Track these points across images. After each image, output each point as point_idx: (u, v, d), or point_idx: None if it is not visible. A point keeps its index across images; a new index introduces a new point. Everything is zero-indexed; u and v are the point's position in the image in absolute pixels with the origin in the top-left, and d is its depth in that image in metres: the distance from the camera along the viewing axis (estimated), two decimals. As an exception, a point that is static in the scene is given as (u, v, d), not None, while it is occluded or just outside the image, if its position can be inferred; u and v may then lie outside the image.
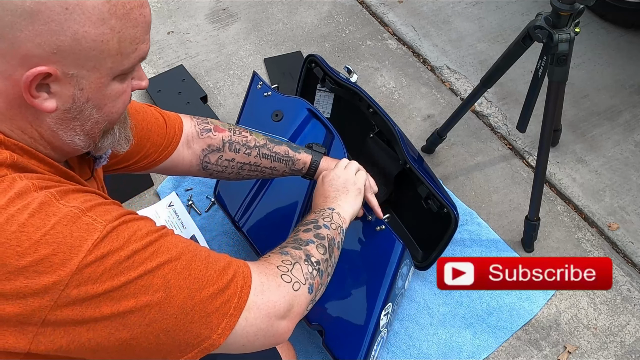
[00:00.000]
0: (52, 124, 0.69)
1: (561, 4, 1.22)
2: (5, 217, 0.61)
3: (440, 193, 1.39)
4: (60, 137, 0.71)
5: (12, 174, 0.64)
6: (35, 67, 0.63)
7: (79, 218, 0.63)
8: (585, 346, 1.46)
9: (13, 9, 0.60)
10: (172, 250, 0.69)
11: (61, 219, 0.62)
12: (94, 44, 0.64)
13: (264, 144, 1.17)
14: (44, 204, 0.62)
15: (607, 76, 2.03)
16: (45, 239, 0.61)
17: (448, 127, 1.71)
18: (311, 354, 1.41)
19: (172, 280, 0.67)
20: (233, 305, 0.72)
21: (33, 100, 0.65)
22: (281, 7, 2.24)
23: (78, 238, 0.62)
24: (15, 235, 0.60)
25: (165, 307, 0.66)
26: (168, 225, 1.62)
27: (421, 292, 1.52)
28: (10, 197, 0.62)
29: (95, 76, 0.67)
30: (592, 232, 1.66)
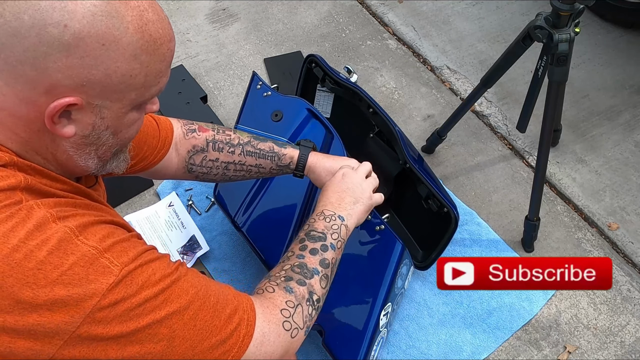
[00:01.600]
0: (68, 148, 0.70)
1: (561, 4, 1.22)
2: (24, 252, 0.61)
3: (440, 193, 1.39)
4: (75, 160, 0.72)
5: (28, 199, 0.65)
6: (62, 97, 0.64)
7: (96, 260, 0.64)
8: (585, 346, 1.46)
9: (50, 41, 0.61)
10: (183, 298, 0.71)
11: (79, 259, 0.63)
12: (122, 78, 0.66)
13: (247, 141, 1.15)
14: (63, 241, 0.63)
15: (607, 76, 2.03)
16: (61, 279, 0.62)
17: (448, 127, 1.71)
18: (311, 354, 1.41)
19: (177, 330, 0.69)
20: (232, 354, 0.74)
21: (54, 126, 0.66)
22: (281, 7, 2.24)
23: (94, 281, 0.63)
24: (32, 272, 0.61)
25: (167, 355, 0.69)
26: (168, 225, 1.62)
27: (421, 292, 1.52)
28: (30, 230, 0.62)
29: (118, 106, 0.69)
30: (592, 232, 1.66)
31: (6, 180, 0.65)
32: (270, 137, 1.20)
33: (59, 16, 0.60)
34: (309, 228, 0.98)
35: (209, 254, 1.58)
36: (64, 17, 0.60)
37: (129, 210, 1.66)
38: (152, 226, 1.62)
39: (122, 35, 0.64)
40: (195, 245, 1.57)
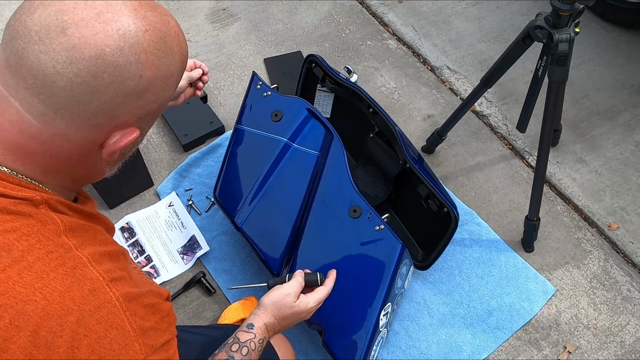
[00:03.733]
0: (105, 166, 0.75)
1: (561, 4, 1.22)
2: (77, 317, 0.63)
3: (440, 193, 1.39)
4: (105, 173, 0.77)
5: (75, 243, 0.67)
6: (121, 130, 0.68)
7: (132, 342, 0.66)
8: (585, 346, 1.46)
9: (127, 92, 0.65)
10: None
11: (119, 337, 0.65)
12: (165, 103, 0.72)
13: None
14: (111, 314, 0.65)
15: (607, 76, 2.03)
16: (99, 352, 0.64)
17: (448, 127, 1.71)
18: (310, 354, 1.41)
19: None
20: None
21: (109, 156, 0.71)
22: (281, 7, 2.24)
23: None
24: (79, 338, 0.63)
25: None
26: (168, 225, 1.62)
27: (421, 292, 1.52)
28: (85, 294, 0.64)
29: (151, 124, 0.74)
30: (592, 232, 1.66)
31: (48, 225, 0.66)
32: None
33: (136, 69, 0.64)
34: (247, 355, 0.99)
35: (209, 254, 1.58)
36: (139, 69, 0.64)
37: (129, 210, 1.66)
38: (152, 226, 1.62)
39: (173, 67, 0.69)
40: (195, 245, 1.57)
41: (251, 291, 1.52)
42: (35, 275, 0.63)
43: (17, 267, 0.62)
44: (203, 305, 1.51)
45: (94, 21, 0.61)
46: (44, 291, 0.62)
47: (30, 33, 0.61)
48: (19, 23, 0.62)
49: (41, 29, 0.61)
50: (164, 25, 0.67)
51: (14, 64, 0.62)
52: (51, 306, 0.62)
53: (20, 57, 0.62)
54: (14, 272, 0.62)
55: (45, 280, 0.63)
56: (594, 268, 1.59)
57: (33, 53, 0.61)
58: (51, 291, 0.62)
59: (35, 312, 0.61)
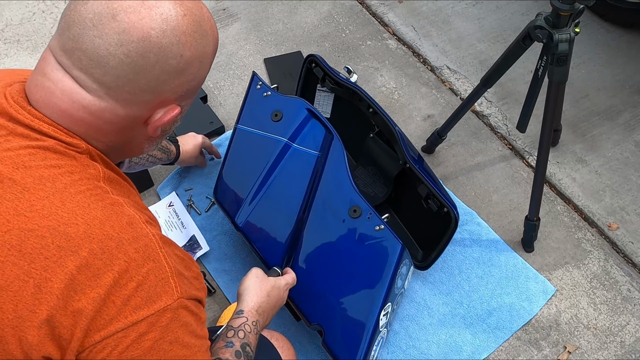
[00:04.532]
0: (144, 141, 0.82)
1: (561, 4, 1.22)
2: (117, 242, 0.69)
3: (440, 193, 1.39)
4: (144, 149, 0.84)
5: (112, 191, 0.73)
6: (164, 107, 0.76)
7: (167, 277, 0.71)
8: (585, 346, 1.46)
9: (170, 70, 0.72)
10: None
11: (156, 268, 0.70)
12: (203, 80, 0.79)
13: None
14: (148, 247, 0.71)
15: (607, 76, 2.03)
16: (138, 279, 0.69)
17: (448, 127, 1.71)
18: (311, 354, 1.41)
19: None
20: None
21: (154, 132, 0.78)
22: (281, 7, 2.24)
23: (157, 294, 0.70)
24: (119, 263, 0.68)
25: None
26: (168, 225, 1.62)
27: (421, 292, 1.52)
28: (124, 225, 0.70)
29: (190, 101, 0.80)
30: (592, 232, 1.66)
31: (89, 169, 0.73)
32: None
33: (177, 49, 0.71)
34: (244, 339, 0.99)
35: (209, 254, 1.58)
36: (180, 49, 0.71)
37: (129, 210, 1.66)
38: (152, 226, 1.62)
39: (209, 49, 0.77)
40: (195, 245, 1.57)
41: (251, 291, 1.52)
42: (77, 203, 0.69)
43: (61, 195, 0.69)
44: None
45: (139, 7, 0.69)
46: (85, 217, 0.68)
47: (85, 20, 0.69)
48: (75, 12, 0.70)
49: (95, 16, 0.68)
50: (198, 10, 0.74)
51: (70, 48, 0.70)
52: (92, 230, 0.68)
53: (77, 42, 0.69)
54: (57, 199, 0.68)
55: (87, 209, 0.69)
56: (594, 268, 1.59)
57: (88, 37, 0.68)
58: (92, 218, 0.69)
59: (77, 234, 0.67)
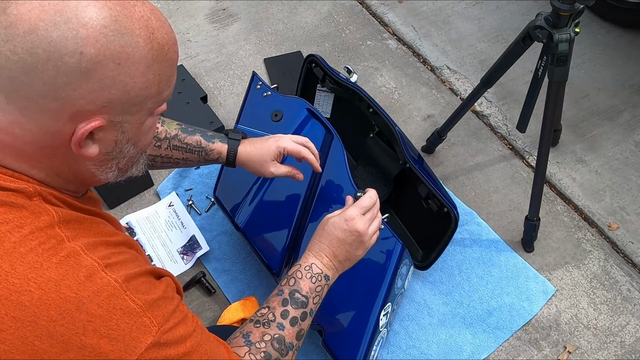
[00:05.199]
0: (90, 167, 0.72)
1: (561, 4, 1.22)
2: (76, 304, 0.63)
3: (440, 193, 1.39)
4: (96, 176, 0.74)
5: (69, 236, 0.67)
6: (86, 121, 0.65)
7: (139, 318, 0.67)
8: (585, 346, 1.46)
9: (68, 70, 0.61)
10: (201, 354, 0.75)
11: (125, 314, 0.66)
12: (140, 92, 0.67)
13: (175, 134, 1.15)
14: (112, 297, 0.66)
15: (607, 76, 2.03)
16: (109, 334, 0.64)
17: (448, 127, 1.71)
18: (311, 354, 1.41)
19: None
20: None
21: (80, 149, 0.67)
22: (281, 7, 2.24)
23: (135, 339, 0.66)
24: (83, 324, 0.63)
25: None
26: (168, 225, 1.62)
27: (421, 292, 1.52)
28: (81, 281, 0.64)
29: (137, 117, 0.70)
30: (592, 232, 1.66)
31: (42, 216, 0.66)
32: (192, 127, 1.17)
33: (73, 45, 0.61)
34: (294, 285, 0.96)
35: (209, 254, 1.58)
36: (78, 44, 0.61)
37: (129, 210, 1.66)
38: (152, 226, 1.62)
39: (134, 51, 0.64)
40: (195, 245, 1.57)
41: (251, 291, 1.52)
42: (28, 266, 0.63)
43: (9, 258, 0.63)
44: (203, 305, 1.51)
45: None
46: (38, 281, 0.63)
47: None
48: None
49: None
50: (119, 6, 0.64)
51: None
52: (47, 295, 0.62)
53: None
54: (6, 264, 0.62)
55: (39, 271, 0.63)
56: (594, 268, 1.59)
57: None
58: (46, 281, 0.63)
59: (32, 302, 0.62)
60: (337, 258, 1.01)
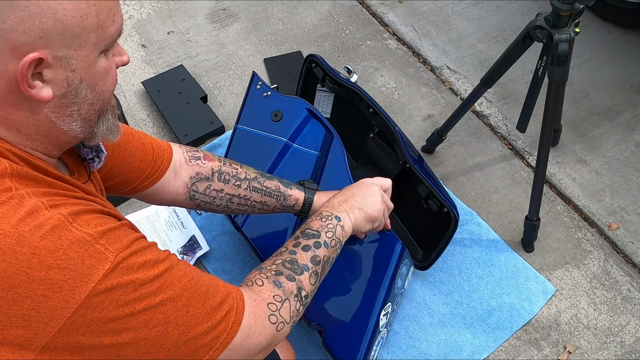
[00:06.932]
0: (49, 114, 0.69)
1: (561, 4, 1.22)
2: (16, 238, 0.61)
3: (440, 193, 1.39)
4: (59, 126, 0.71)
5: (18, 187, 0.64)
6: (27, 55, 0.62)
7: (91, 245, 0.64)
8: (585, 346, 1.46)
9: None
10: (176, 285, 0.72)
11: (74, 244, 0.63)
12: (74, 21, 0.64)
13: (254, 177, 1.14)
14: (56, 227, 0.63)
15: (607, 76, 2.03)
16: (57, 264, 0.61)
17: (448, 127, 1.71)
18: (311, 354, 1.41)
19: (171, 317, 0.70)
20: (220, 341, 0.75)
21: (30, 91, 0.65)
22: (281, 7, 2.24)
23: (89, 266, 0.63)
24: (26, 258, 0.61)
25: (161, 341, 0.70)
26: (168, 225, 1.62)
27: (421, 292, 1.52)
28: (22, 217, 0.62)
29: (83, 54, 0.67)
30: (592, 232, 1.66)
31: None
32: (269, 174, 1.19)
33: None
34: (305, 227, 0.99)
35: (209, 254, 1.58)
36: None
37: (129, 210, 1.66)
38: (152, 226, 1.62)
39: None
40: (195, 245, 1.57)
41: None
42: None
43: None
44: (203, 305, 1.51)
45: None
46: None
47: None
48: None
49: None
50: None
51: None
52: None
53: None
54: None
55: None
56: (594, 268, 1.59)
57: None
58: None
59: None
60: (347, 202, 1.06)
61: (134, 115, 1.91)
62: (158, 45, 2.11)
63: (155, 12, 2.21)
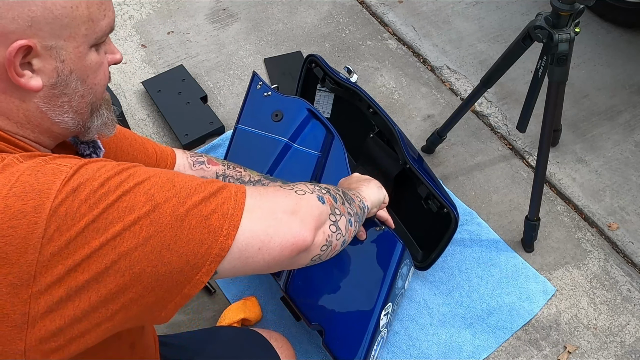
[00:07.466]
0: (39, 104, 0.68)
1: (561, 4, 1.22)
2: None
3: (440, 193, 1.39)
4: (50, 117, 0.70)
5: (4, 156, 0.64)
6: (15, 42, 0.62)
7: (43, 166, 0.61)
8: (585, 346, 1.46)
9: None
10: (150, 172, 0.66)
11: (24, 170, 0.61)
12: (64, 11, 0.64)
13: (258, 179, 1.13)
14: (6, 166, 0.61)
15: (607, 76, 2.03)
16: (12, 192, 0.59)
17: (448, 127, 1.71)
18: (311, 354, 1.41)
19: (156, 194, 0.63)
20: (231, 206, 0.67)
21: (19, 79, 0.65)
22: (281, 7, 2.24)
23: (45, 182, 0.60)
24: None
25: (157, 218, 0.62)
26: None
27: (421, 292, 1.52)
28: None
29: (73, 45, 0.67)
30: (592, 232, 1.66)
31: None
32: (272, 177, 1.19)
33: None
34: None
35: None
36: None
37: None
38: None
39: None
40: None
41: (251, 291, 1.52)
42: None
43: None
44: (203, 305, 1.51)
45: None
46: None
47: None
48: None
49: None
50: None
51: None
52: None
53: None
54: None
55: None
56: (594, 268, 1.59)
57: None
58: None
59: None
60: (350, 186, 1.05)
61: (134, 115, 1.91)
62: (158, 45, 2.11)
63: (155, 12, 2.21)
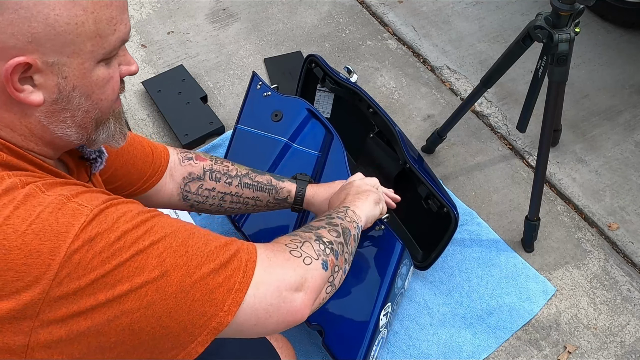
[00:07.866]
0: (41, 118, 0.67)
1: (561, 4, 1.22)
2: None
3: (440, 193, 1.39)
4: (52, 131, 0.69)
5: (8, 176, 0.63)
6: (14, 58, 0.61)
7: (64, 205, 0.61)
8: (585, 346, 1.46)
9: None
10: (167, 228, 0.66)
11: (46, 207, 0.61)
12: (68, 27, 0.62)
13: (245, 173, 1.14)
14: (28, 196, 0.61)
15: (607, 76, 2.03)
16: (31, 229, 0.59)
17: (448, 127, 1.71)
18: (311, 354, 1.41)
19: (167, 258, 0.64)
20: (238, 280, 0.68)
21: (18, 94, 0.63)
22: (281, 7, 2.24)
23: (64, 224, 0.60)
24: (1, 230, 0.59)
25: (163, 286, 0.63)
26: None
27: (421, 292, 1.52)
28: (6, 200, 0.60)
29: (77, 62, 0.65)
30: (592, 232, 1.66)
31: None
32: (261, 170, 1.19)
33: None
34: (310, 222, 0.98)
35: (209, 254, 1.58)
36: None
37: (129, 210, 1.66)
38: (152, 226, 1.62)
39: None
40: (195, 245, 1.57)
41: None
42: None
43: None
44: (203, 305, 1.51)
45: None
46: None
47: None
48: None
49: None
50: None
51: None
52: None
53: None
54: None
55: None
56: (594, 268, 1.59)
57: None
58: None
59: None
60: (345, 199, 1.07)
61: (134, 115, 1.91)
62: (158, 45, 2.11)
63: (155, 12, 2.21)
